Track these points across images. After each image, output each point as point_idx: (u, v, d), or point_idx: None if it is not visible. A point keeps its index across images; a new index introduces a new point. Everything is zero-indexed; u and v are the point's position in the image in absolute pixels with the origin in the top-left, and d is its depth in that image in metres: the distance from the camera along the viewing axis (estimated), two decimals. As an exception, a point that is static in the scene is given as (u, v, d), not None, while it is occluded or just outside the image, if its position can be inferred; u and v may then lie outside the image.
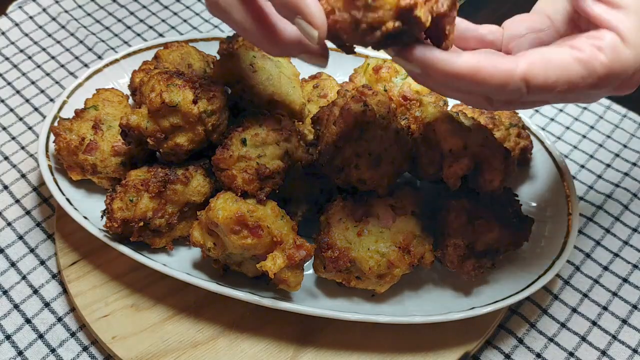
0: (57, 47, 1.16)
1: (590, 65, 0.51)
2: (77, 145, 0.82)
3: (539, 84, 0.52)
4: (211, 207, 0.71)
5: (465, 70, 0.51)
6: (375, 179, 0.75)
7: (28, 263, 0.87)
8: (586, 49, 0.52)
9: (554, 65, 0.51)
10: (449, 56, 0.52)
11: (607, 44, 0.52)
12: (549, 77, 0.51)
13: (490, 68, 0.51)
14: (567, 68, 0.51)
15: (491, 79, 0.51)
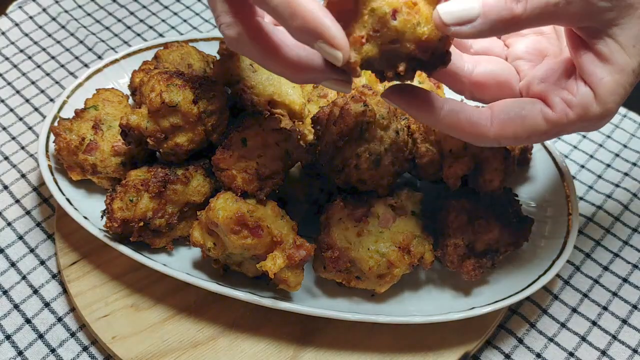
0: (57, 47, 1.16)
1: (558, 124, 0.57)
2: (77, 145, 0.82)
3: (509, 141, 0.59)
4: (211, 207, 0.71)
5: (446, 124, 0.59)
6: (375, 179, 0.75)
7: (28, 263, 0.87)
8: (557, 106, 0.57)
9: (524, 126, 0.57)
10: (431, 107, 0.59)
11: (579, 102, 0.56)
12: (519, 136, 0.58)
13: (466, 129, 0.58)
14: (535, 126, 0.57)
15: (467, 137, 0.59)
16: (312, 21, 0.50)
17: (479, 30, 0.52)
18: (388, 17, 0.52)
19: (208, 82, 0.77)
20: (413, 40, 0.53)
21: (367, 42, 0.53)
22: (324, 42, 0.51)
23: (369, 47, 0.54)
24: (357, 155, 0.74)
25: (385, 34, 0.53)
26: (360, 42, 0.53)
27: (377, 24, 0.53)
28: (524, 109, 0.58)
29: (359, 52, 0.54)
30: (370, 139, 0.74)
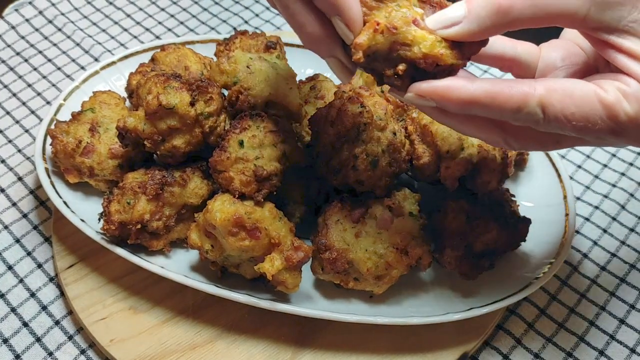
0: (54, 49, 1.16)
1: (613, 110, 0.49)
2: (74, 148, 0.81)
3: (555, 112, 0.50)
4: (209, 209, 0.71)
5: (481, 94, 0.50)
6: (373, 180, 0.75)
7: (25, 266, 0.86)
8: (611, 91, 0.50)
9: (575, 98, 0.49)
10: (462, 82, 0.50)
11: (633, 92, 0.49)
12: (567, 108, 0.49)
13: (506, 90, 0.50)
14: (587, 105, 0.49)
15: (508, 102, 0.50)
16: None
17: (466, 30, 0.50)
18: (410, 21, 0.52)
19: (205, 84, 0.77)
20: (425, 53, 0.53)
21: (381, 33, 0.53)
22: (340, 19, 0.52)
23: (380, 38, 0.53)
24: (355, 156, 0.74)
25: (401, 35, 0.53)
26: (375, 29, 0.53)
27: (399, 22, 0.53)
28: (575, 83, 0.50)
29: (370, 38, 0.53)
30: (367, 140, 0.74)
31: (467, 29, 0.50)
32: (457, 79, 0.51)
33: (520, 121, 0.51)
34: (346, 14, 0.52)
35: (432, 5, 0.54)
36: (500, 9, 0.48)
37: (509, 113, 0.50)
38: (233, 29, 1.23)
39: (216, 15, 1.26)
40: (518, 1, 0.48)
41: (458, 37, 0.51)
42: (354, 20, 0.52)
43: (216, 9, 1.28)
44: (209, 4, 1.29)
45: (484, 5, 0.49)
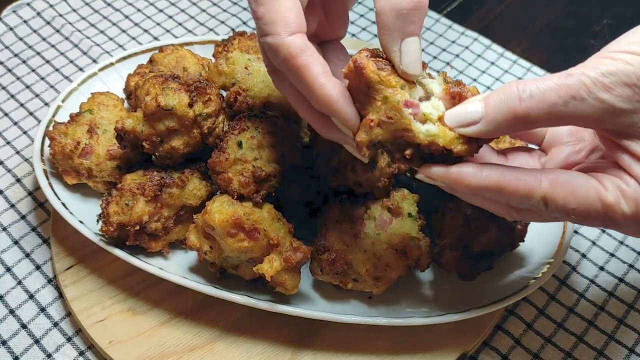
0: (52, 51, 1.16)
1: (611, 209, 0.53)
2: (72, 149, 0.81)
3: (557, 206, 0.53)
4: (207, 211, 0.71)
5: (490, 184, 0.53)
6: (372, 181, 0.75)
7: (23, 268, 0.86)
8: (611, 190, 0.53)
9: (577, 196, 0.53)
10: (472, 171, 0.53)
11: (632, 193, 0.53)
12: (569, 204, 0.53)
13: (514, 183, 0.53)
14: (588, 202, 0.53)
15: (514, 193, 0.53)
16: (327, 104, 0.56)
17: (483, 131, 0.52)
18: (401, 106, 0.54)
19: (203, 85, 0.77)
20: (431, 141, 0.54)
21: (378, 126, 0.55)
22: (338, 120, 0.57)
23: (379, 131, 0.55)
24: (353, 157, 0.74)
25: (398, 122, 0.54)
26: (369, 126, 0.55)
27: (391, 112, 0.54)
28: (579, 178, 0.53)
29: (369, 133, 0.55)
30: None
31: (485, 130, 0.52)
32: (467, 166, 0.54)
33: (525, 208, 0.56)
34: (340, 115, 0.56)
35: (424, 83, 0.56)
36: (516, 116, 0.51)
37: (514, 202, 0.55)
38: (231, 30, 1.23)
39: (214, 17, 1.26)
40: (533, 109, 0.50)
41: (475, 135, 0.53)
42: (347, 119, 0.56)
43: (214, 10, 1.28)
44: (207, 5, 1.29)
45: (501, 110, 0.51)
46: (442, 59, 1.21)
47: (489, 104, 0.52)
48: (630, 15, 1.31)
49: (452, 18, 1.29)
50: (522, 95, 0.50)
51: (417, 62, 0.55)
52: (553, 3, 1.35)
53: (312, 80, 0.55)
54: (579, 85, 0.50)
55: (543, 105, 0.50)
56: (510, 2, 1.34)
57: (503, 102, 0.51)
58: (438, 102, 0.55)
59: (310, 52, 0.56)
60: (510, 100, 0.51)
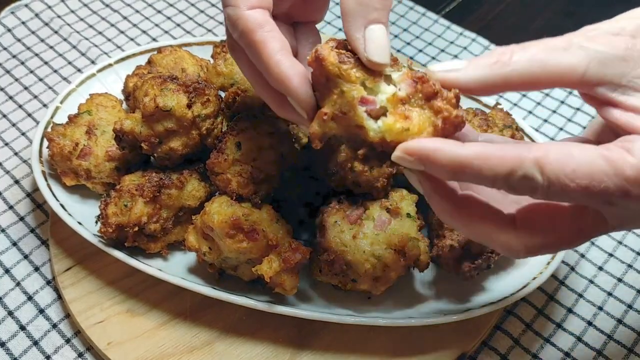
0: (50, 52, 1.15)
1: (617, 164, 0.44)
2: (70, 151, 0.81)
3: (555, 171, 0.44)
4: (206, 211, 0.71)
5: (471, 155, 0.45)
6: (370, 181, 0.75)
7: (22, 269, 0.86)
8: (614, 149, 0.45)
9: (575, 157, 0.44)
10: (452, 144, 0.46)
11: (637, 147, 0.45)
12: (567, 165, 0.44)
13: (499, 152, 0.45)
14: (589, 161, 0.44)
15: (501, 163, 0.45)
16: (281, 82, 0.55)
17: (466, 77, 0.49)
18: (356, 102, 0.52)
19: (202, 86, 0.77)
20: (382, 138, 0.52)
21: (332, 120, 0.53)
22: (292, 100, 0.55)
23: (332, 125, 0.53)
24: (352, 157, 0.74)
25: (352, 118, 0.52)
26: (323, 118, 0.53)
27: (346, 107, 0.52)
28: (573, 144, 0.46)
29: (322, 126, 0.54)
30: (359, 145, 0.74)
31: (467, 75, 0.49)
32: (446, 141, 0.47)
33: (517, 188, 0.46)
34: (294, 95, 0.55)
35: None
36: (499, 60, 0.48)
37: (502, 177, 0.45)
38: (230, 31, 1.23)
39: (213, 17, 1.26)
40: (516, 56, 0.48)
41: (458, 85, 0.50)
42: (301, 100, 0.55)
43: (213, 10, 1.28)
44: (206, 6, 1.29)
45: (484, 57, 0.49)
46: (440, 60, 1.21)
47: (473, 60, 0.50)
48: (628, 15, 1.31)
49: (451, 18, 1.29)
50: (507, 49, 0.48)
51: (383, 50, 0.52)
52: (551, 3, 1.35)
53: (268, 57, 0.55)
54: (562, 38, 0.47)
55: (525, 55, 0.47)
56: (509, 2, 1.34)
57: (486, 56, 0.49)
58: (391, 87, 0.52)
59: (269, 27, 0.55)
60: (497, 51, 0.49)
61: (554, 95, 1.14)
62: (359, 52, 0.53)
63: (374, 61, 0.52)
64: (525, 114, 1.12)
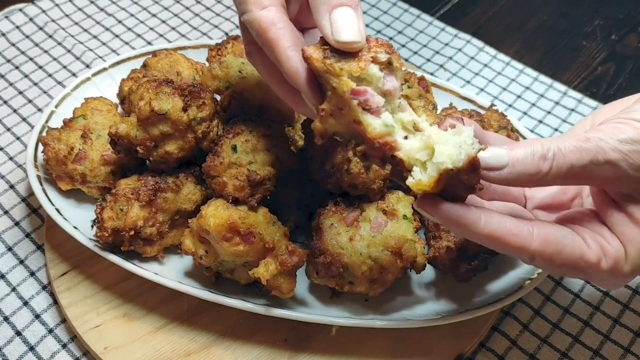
0: (45, 56, 1.15)
1: (593, 268, 0.56)
2: (66, 155, 0.81)
3: (543, 264, 0.57)
4: (202, 215, 0.71)
5: (485, 235, 0.55)
6: (367, 183, 0.75)
7: (18, 274, 0.86)
8: (593, 248, 0.56)
9: (562, 255, 0.56)
10: (472, 218, 0.54)
11: (612, 253, 0.56)
12: (554, 262, 0.56)
13: (508, 238, 0.55)
14: (571, 262, 0.56)
15: (506, 247, 0.55)
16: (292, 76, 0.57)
17: (504, 179, 0.53)
18: (347, 96, 0.52)
19: (197, 90, 0.77)
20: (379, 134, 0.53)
21: (331, 116, 0.53)
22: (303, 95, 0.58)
23: (332, 122, 0.54)
24: (348, 159, 0.74)
25: (348, 114, 0.52)
26: (321, 115, 0.54)
27: (341, 103, 0.52)
28: (567, 237, 0.56)
29: (322, 123, 0.54)
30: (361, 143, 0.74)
31: (505, 178, 0.54)
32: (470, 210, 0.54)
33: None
34: (302, 90, 0.57)
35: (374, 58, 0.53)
36: (539, 173, 0.53)
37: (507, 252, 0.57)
38: (225, 34, 1.23)
39: (208, 21, 1.26)
40: (554, 169, 0.53)
41: (495, 182, 0.54)
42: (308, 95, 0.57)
43: (208, 14, 1.28)
44: (201, 10, 1.29)
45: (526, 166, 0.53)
46: (435, 62, 1.21)
47: (516, 156, 0.53)
48: (621, 16, 1.32)
49: (445, 20, 1.29)
50: (548, 154, 0.53)
51: (349, 29, 0.53)
52: (545, 4, 1.35)
53: (279, 52, 0.57)
54: (597, 151, 0.53)
55: (563, 166, 0.53)
56: (503, 4, 1.34)
57: (529, 157, 0.53)
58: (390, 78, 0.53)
59: (281, 24, 0.58)
60: (536, 157, 0.53)
61: (548, 97, 1.15)
62: (328, 37, 0.54)
63: (341, 41, 0.53)
64: (520, 115, 1.12)
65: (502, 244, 0.55)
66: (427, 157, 0.52)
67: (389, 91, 0.54)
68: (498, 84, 1.17)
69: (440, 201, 0.54)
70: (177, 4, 1.29)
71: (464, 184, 0.52)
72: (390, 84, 0.54)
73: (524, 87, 1.17)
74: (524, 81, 1.17)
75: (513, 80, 1.17)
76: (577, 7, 1.35)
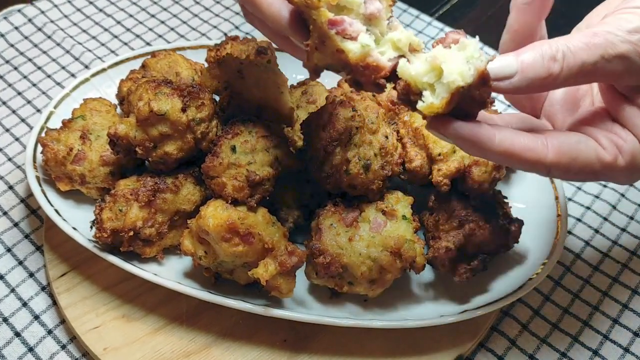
0: (44, 57, 1.15)
1: (608, 167, 0.56)
2: (65, 156, 0.81)
3: (560, 174, 0.56)
4: (201, 215, 0.71)
5: (500, 152, 0.54)
6: (366, 184, 0.76)
7: (17, 275, 0.86)
8: (609, 148, 0.56)
9: (578, 162, 0.55)
10: (487, 136, 0.53)
11: (628, 148, 0.55)
12: (571, 170, 0.55)
13: (523, 153, 0.54)
14: (588, 166, 0.55)
15: (522, 163, 0.55)
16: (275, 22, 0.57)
17: (516, 87, 0.52)
18: (326, 27, 0.51)
19: (196, 90, 0.77)
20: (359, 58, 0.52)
21: (316, 50, 0.53)
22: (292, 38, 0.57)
23: (319, 55, 0.53)
24: (347, 160, 0.74)
25: (330, 45, 0.52)
26: (307, 50, 0.54)
27: (322, 35, 0.52)
28: (580, 142, 0.56)
29: (309, 58, 0.54)
30: (359, 144, 0.75)
31: (517, 86, 0.52)
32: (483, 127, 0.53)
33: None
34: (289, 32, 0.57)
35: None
36: (551, 75, 0.52)
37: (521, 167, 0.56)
38: (224, 35, 1.23)
39: (207, 21, 1.26)
40: (565, 69, 0.51)
41: (507, 92, 0.53)
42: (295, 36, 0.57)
43: (207, 15, 1.28)
44: (200, 10, 1.29)
45: (536, 69, 0.52)
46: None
47: (525, 61, 0.52)
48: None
49: (444, 21, 1.29)
50: (557, 55, 0.51)
51: None
52: (544, 5, 1.35)
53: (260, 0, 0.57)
54: (606, 45, 0.51)
55: (574, 66, 0.51)
56: (502, 5, 1.34)
57: (539, 61, 0.51)
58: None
59: None
60: (546, 59, 0.51)
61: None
62: None
63: None
64: (519, 115, 1.12)
65: (517, 160, 0.54)
66: (435, 79, 0.51)
67: (373, 14, 0.53)
68: (497, 84, 1.17)
69: (453, 120, 0.52)
70: (176, 5, 1.29)
71: (475, 99, 0.51)
72: (372, 7, 0.53)
73: (523, 87, 1.17)
74: (523, 81, 1.17)
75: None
76: (576, 7, 1.35)
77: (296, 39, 0.57)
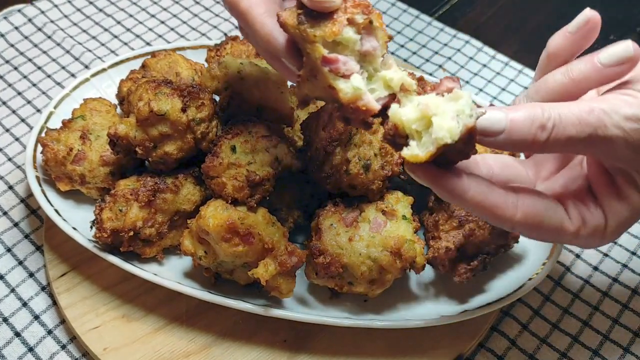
0: (44, 57, 1.15)
1: (570, 237, 0.58)
2: (65, 156, 0.81)
3: (525, 234, 0.58)
4: (201, 215, 0.71)
5: (472, 204, 0.54)
6: (366, 184, 0.76)
7: (17, 275, 0.86)
8: (575, 219, 0.57)
9: (542, 227, 0.56)
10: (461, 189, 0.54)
11: (594, 224, 0.57)
12: (534, 232, 0.57)
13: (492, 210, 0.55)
14: (551, 231, 0.57)
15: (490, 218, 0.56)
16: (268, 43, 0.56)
17: (500, 145, 0.52)
18: (319, 63, 0.51)
19: (196, 90, 0.77)
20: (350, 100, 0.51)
21: (308, 81, 0.53)
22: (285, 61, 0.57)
23: (310, 86, 0.53)
24: (347, 160, 0.74)
25: (322, 79, 0.51)
26: (298, 81, 0.54)
27: (315, 69, 0.51)
28: (549, 210, 0.57)
29: (300, 88, 0.54)
30: (359, 144, 0.75)
31: (502, 144, 0.52)
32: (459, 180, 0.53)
33: None
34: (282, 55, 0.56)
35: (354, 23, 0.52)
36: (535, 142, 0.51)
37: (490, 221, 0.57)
38: (224, 35, 1.23)
39: (207, 21, 1.26)
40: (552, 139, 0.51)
41: (492, 147, 0.53)
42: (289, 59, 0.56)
43: (207, 15, 1.28)
44: (200, 10, 1.29)
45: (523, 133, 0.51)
46: (434, 62, 1.21)
47: (514, 121, 0.51)
48: (621, 17, 1.32)
49: (444, 21, 1.29)
50: (547, 124, 0.51)
51: None
52: (544, 5, 1.35)
53: (252, 20, 0.56)
54: (598, 125, 0.51)
55: (562, 137, 0.51)
56: (502, 5, 1.34)
57: (527, 125, 0.51)
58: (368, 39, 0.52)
59: None
60: (535, 126, 0.51)
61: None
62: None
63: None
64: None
65: (487, 214, 0.55)
66: (424, 128, 0.50)
67: (369, 52, 0.52)
68: (497, 84, 1.17)
69: (432, 169, 0.53)
70: (176, 5, 1.29)
71: (459, 151, 0.51)
72: (369, 45, 0.52)
73: (523, 87, 1.17)
74: (523, 81, 1.18)
75: (512, 81, 1.18)
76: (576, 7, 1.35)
77: (290, 64, 0.56)
